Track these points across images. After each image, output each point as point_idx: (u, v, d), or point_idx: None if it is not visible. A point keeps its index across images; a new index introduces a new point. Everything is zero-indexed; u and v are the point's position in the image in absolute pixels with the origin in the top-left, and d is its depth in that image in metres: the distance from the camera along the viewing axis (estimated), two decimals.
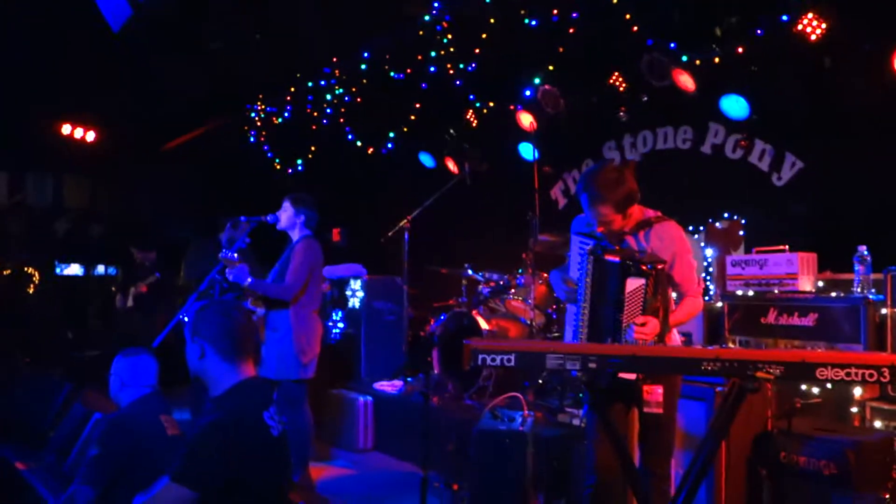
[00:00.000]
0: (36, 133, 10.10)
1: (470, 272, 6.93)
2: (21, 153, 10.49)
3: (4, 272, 10.76)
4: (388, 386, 6.96)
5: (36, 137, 10.19)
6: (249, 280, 4.98)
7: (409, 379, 6.87)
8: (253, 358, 2.83)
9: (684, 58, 6.12)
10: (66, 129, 10.36)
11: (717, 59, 5.95)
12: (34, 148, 10.42)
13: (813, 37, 5.44)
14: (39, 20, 7.65)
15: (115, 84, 9.15)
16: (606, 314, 3.39)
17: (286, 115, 10.04)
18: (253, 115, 10.47)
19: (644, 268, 3.32)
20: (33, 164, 11.05)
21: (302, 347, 5.09)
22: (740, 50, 5.77)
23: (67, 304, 11.10)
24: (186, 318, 2.83)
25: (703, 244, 6.14)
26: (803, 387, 4.35)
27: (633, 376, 3.27)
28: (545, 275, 6.35)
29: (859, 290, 4.45)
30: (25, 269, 11.47)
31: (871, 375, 2.58)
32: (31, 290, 11.06)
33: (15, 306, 10.35)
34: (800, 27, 5.43)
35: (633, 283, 3.31)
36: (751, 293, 4.91)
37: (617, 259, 3.37)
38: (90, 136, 10.50)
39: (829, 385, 4.29)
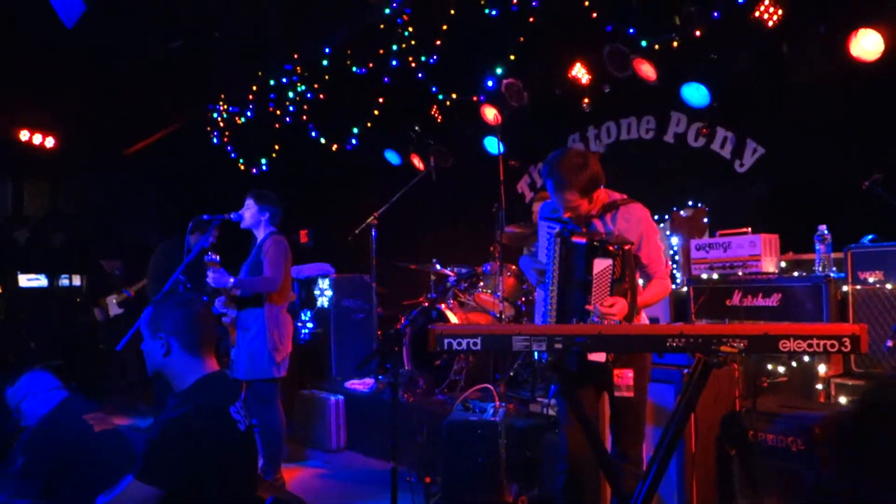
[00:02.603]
0: None
1: (438, 267, 6.90)
2: None
3: None
4: (359, 384, 6.91)
5: None
6: (232, 280, 4.92)
7: (380, 377, 6.82)
8: (214, 351, 2.77)
9: (643, 43, 6.16)
10: (24, 135, 10.14)
11: (675, 44, 5.99)
12: None
13: (770, 23, 5.50)
14: None
15: (74, 88, 8.98)
16: (574, 296, 3.39)
17: (249, 114, 9.95)
18: (216, 115, 10.35)
19: (611, 248, 3.32)
20: None
21: (275, 345, 5.04)
22: (698, 34, 5.81)
23: (31, 316, 10.86)
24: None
25: (668, 232, 6.18)
26: (769, 366, 4.38)
27: (601, 358, 3.27)
28: (513, 267, 6.36)
29: (820, 268, 4.50)
30: None
31: (832, 346, 2.60)
32: None
33: None
34: (757, 14, 5.49)
35: (601, 264, 3.32)
36: (715, 276, 4.94)
37: (584, 240, 3.36)
38: (49, 141, 10.29)
39: (793, 363, 4.34)
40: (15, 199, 11.02)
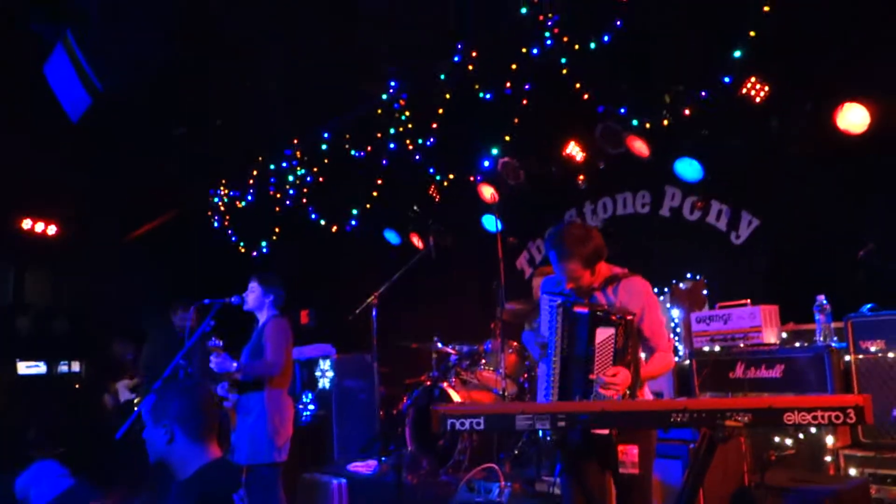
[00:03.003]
0: None
1: (440, 345, 6.88)
2: None
3: None
4: (362, 467, 6.79)
5: None
6: (235, 364, 4.92)
7: (383, 458, 6.72)
8: (216, 436, 2.76)
9: (635, 122, 6.29)
10: (26, 223, 10.25)
11: (665, 122, 6.12)
12: None
13: (757, 99, 5.64)
14: None
15: (76, 176, 9.13)
16: (577, 367, 3.38)
17: (249, 198, 10.08)
18: (216, 199, 10.48)
19: (613, 318, 3.34)
20: None
21: (276, 429, 5.00)
22: (688, 112, 5.95)
23: (31, 403, 10.76)
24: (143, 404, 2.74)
25: (668, 305, 6.19)
26: (776, 439, 4.34)
27: (605, 431, 3.24)
28: (515, 344, 6.34)
29: (822, 338, 4.50)
30: None
31: (837, 417, 2.59)
32: None
33: None
34: (744, 91, 5.64)
35: (603, 333, 3.32)
36: (717, 348, 4.94)
37: (586, 310, 3.38)
38: (51, 229, 10.40)
39: (801, 435, 4.30)
40: (16, 287, 11.06)
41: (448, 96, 7.24)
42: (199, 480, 2.59)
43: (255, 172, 9.62)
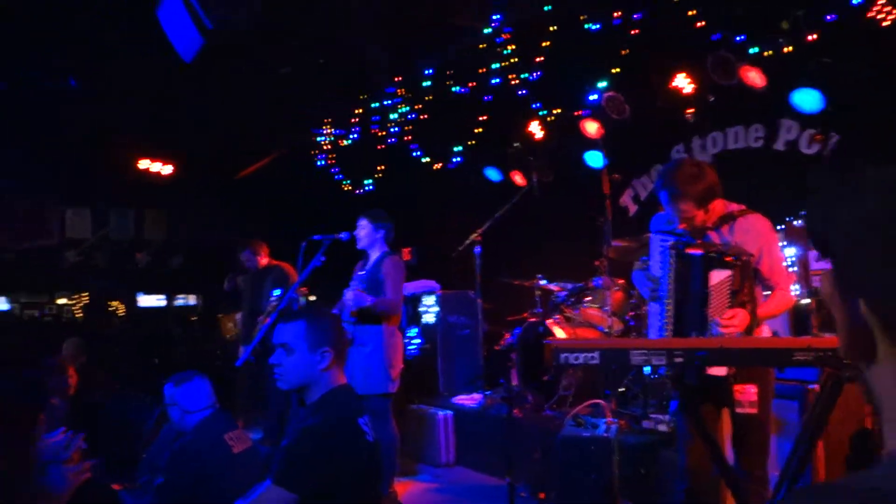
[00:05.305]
0: (117, 170, 10.50)
1: (543, 283, 6.89)
2: (104, 190, 10.95)
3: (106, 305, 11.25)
4: (467, 400, 6.96)
5: (117, 174, 10.59)
6: (371, 299, 5.07)
7: (487, 392, 6.85)
8: None
9: (753, 50, 6.00)
10: (144, 164, 10.73)
11: (786, 49, 5.81)
12: (116, 184, 10.85)
13: (885, 23, 5.29)
14: (115, 62, 7.95)
15: (188, 117, 9.45)
16: (691, 310, 3.30)
17: (353, 136, 10.22)
18: (320, 138, 10.67)
19: (729, 259, 3.24)
20: (115, 200, 11.51)
21: (391, 361, 5.18)
22: (811, 38, 5.63)
23: (151, 333, 11.47)
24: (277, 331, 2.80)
25: (783, 243, 5.97)
26: None
27: (722, 372, 3.19)
28: (621, 281, 6.28)
29: None
30: (110, 300, 11.97)
31: None
32: (115, 321, 11.51)
33: (103, 335, 10.73)
34: (871, 14, 5.29)
35: (718, 276, 3.23)
36: None
37: (699, 252, 3.29)
38: (167, 169, 10.85)
39: None
40: (136, 225, 11.69)
41: (553, 28, 7.06)
42: (326, 403, 2.69)
43: (358, 111, 9.72)
